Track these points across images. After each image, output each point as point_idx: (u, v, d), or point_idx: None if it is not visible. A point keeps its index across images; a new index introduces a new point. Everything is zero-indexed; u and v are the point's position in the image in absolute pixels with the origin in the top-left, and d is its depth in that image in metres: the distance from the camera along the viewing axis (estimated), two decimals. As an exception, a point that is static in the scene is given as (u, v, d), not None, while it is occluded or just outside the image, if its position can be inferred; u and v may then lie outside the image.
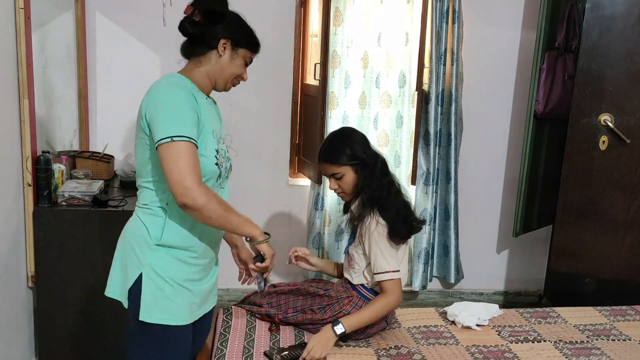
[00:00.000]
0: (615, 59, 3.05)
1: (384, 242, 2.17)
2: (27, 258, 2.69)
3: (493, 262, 3.98)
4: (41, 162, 2.63)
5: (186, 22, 1.81)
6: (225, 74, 1.84)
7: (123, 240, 1.84)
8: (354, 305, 2.26)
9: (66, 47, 3.17)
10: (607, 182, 3.16)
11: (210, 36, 1.80)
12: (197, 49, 1.82)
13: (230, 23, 1.82)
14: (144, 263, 1.75)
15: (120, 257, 1.83)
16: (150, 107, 1.68)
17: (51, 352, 2.79)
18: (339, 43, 3.51)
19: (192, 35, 1.82)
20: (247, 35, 1.86)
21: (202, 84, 1.83)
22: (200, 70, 1.82)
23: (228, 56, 1.82)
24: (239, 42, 1.83)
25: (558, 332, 2.46)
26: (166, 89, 1.71)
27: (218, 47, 1.80)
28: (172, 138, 1.63)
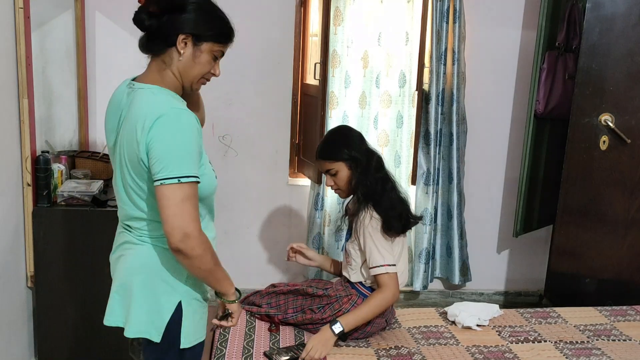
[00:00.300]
0: (615, 58, 3.05)
1: (378, 236, 2.19)
2: (27, 258, 2.69)
3: (493, 262, 3.98)
4: (40, 162, 2.63)
5: (142, 14, 1.57)
6: (189, 74, 1.62)
7: (145, 274, 1.64)
8: (353, 304, 2.26)
9: (66, 47, 3.17)
10: (607, 182, 3.15)
11: (167, 31, 1.56)
12: (155, 45, 1.60)
13: (191, 13, 1.57)
14: (181, 291, 1.65)
15: (144, 291, 1.64)
16: (156, 142, 1.49)
17: (51, 352, 2.78)
18: (339, 43, 3.50)
19: (148, 29, 1.59)
20: (212, 26, 1.60)
21: (176, 88, 1.63)
22: (168, 73, 1.61)
23: (189, 54, 1.58)
24: (201, 36, 1.58)
25: (558, 332, 2.45)
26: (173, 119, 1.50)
27: (177, 44, 1.57)
28: (180, 179, 1.48)
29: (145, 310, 1.63)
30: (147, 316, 1.63)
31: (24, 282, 2.70)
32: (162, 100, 1.56)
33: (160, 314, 1.63)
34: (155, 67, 1.63)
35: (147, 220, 1.63)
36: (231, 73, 3.50)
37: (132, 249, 1.67)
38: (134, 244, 1.67)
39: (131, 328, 1.64)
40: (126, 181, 1.61)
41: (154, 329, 1.63)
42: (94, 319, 2.75)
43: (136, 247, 1.66)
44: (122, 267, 1.70)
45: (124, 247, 1.71)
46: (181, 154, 1.49)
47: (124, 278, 1.68)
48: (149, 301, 1.63)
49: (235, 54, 3.46)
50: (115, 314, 1.69)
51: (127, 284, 1.66)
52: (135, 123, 1.53)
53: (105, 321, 1.70)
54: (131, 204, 1.64)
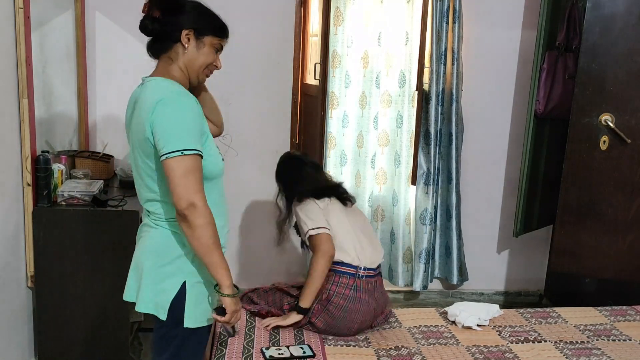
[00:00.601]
0: (616, 58, 3.05)
1: (301, 210, 2.40)
2: (27, 258, 2.68)
3: (493, 262, 3.97)
4: (41, 161, 2.62)
5: (146, 21, 1.78)
6: (195, 65, 1.79)
7: (154, 255, 1.78)
8: (332, 282, 2.34)
9: (66, 46, 3.17)
10: (607, 182, 3.15)
11: (171, 29, 1.76)
12: (162, 45, 1.78)
13: (190, 12, 1.77)
14: (186, 271, 1.76)
15: (152, 271, 1.77)
16: (159, 119, 1.64)
17: (51, 352, 2.78)
18: (339, 43, 3.50)
19: (153, 33, 1.78)
20: (210, 21, 1.80)
21: (182, 81, 1.79)
22: (174, 67, 1.78)
23: (193, 46, 1.77)
24: (201, 29, 1.77)
25: (558, 332, 2.45)
26: (174, 99, 1.67)
27: (181, 39, 1.75)
28: (183, 152, 1.62)
29: (152, 289, 1.77)
30: (153, 295, 1.77)
31: (24, 282, 2.70)
32: (164, 85, 1.73)
33: (165, 293, 1.75)
34: (162, 64, 1.80)
35: (160, 201, 1.76)
36: (231, 73, 3.49)
37: (148, 232, 1.82)
38: (149, 227, 1.82)
39: (140, 304, 1.79)
40: (138, 164, 1.75)
41: (160, 307, 1.76)
42: (94, 319, 2.76)
43: (151, 229, 1.81)
44: (138, 247, 1.85)
45: (143, 229, 1.87)
46: (182, 129, 1.64)
47: (138, 258, 1.83)
48: (156, 280, 1.76)
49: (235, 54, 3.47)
50: (130, 290, 1.84)
51: (140, 263, 1.81)
52: (142, 109, 1.69)
53: (124, 296, 1.86)
54: (145, 187, 1.77)
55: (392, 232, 3.73)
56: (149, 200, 1.79)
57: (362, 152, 3.64)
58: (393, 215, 3.70)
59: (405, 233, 3.71)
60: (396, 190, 3.68)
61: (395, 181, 3.68)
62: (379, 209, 3.73)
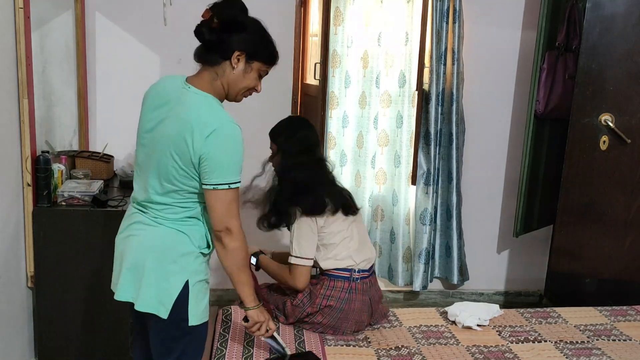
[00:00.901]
0: (616, 58, 3.05)
1: (297, 229, 2.35)
2: (27, 258, 2.68)
3: (494, 262, 3.98)
4: (41, 162, 2.62)
5: (203, 28, 1.75)
6: (237, 87, 1.82)
7: (158, 254, 1.79)
8: (327, 287, 2.34)
9: (66, 47, 3.17)
10: (607, 182, 3.15)
11: (225, 46, 1.75)
12: (211, 57, 1.78)
13: (249, 34, 1.78)
14: (189, 270, 1.80)
15: (156, 270, 1.78)
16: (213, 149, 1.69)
17: (51, 352, 2.78)
18: (339, 43, 3.50)
19: (208, 43, 1.77)
20: (264, 48, 1.82)
21: (220, 97, 1.82)
22: (217, 84, 1.79)
23: (241, 69, 1.79)
24: (254, 55, 1.79)
25: (559, 332, 2.45)
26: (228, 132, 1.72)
27: (232, 59, 1.76)
28: (230, 185, 1.73)
29: (154, 288, 1.77)
30: (156, 293, 1.77)
31: (24, 282, 2.70)
32: (218, 111, 1.77)
33: (169, 291, 1.77)
34: (207, 77, 1.79)
35: (170, 205, 1.78)
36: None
37: (145, 230, 1.81)
38: (146, 224, 1.81)
39: (141, 303, 1.78)
40: (165, 169, 1.75)
41: (162, 306, 1.76)
42: (94, 319, 2.76)
43: (150, 227, 1.80)
44: (133, 246, 1.82)
45: (135, 227, 1.84)
46: (232, 163, 1.72)
47: (137, 256, 1.80)
48: (159, 279, 1.77)
49: (235, 54, 3.47)
50: (126, 289, 1.82)
51: (139, 262, 1.79)
52: (191, 126, 1.69)
53: (116, 296, 1.85)
54: (160, 189, 1.77)
55: (392, 231, 3.73)
56: (157, 202, 1.79)
57: (362, 152, 3.64)
58: (393, 215, 3.71)
59: (405, 233, 3.71)
60: (396, 190, 3.68)
61: (395, 181, 3.68)
62: (379, 208, 3.73)
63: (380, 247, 3.78)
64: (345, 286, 2.33)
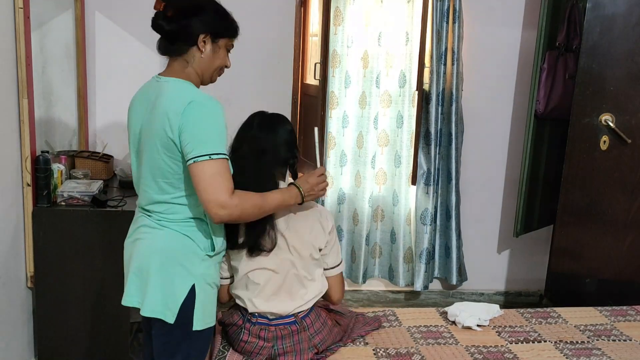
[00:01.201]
0: (616, 58, 3.05)
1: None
2: (27, 258, 2.68)
3: (494, 263, 3.97)
4: (40, 162, 2.62)
5: (160, 20, 1.73)
6: (210, 68, 1.80)
7: (162, 257, 1.75)
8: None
9: (65, 46, 3.17)
10: (608, 182, 3.15)
11: (187, 32, 1.73)
12: (177, 47, 1.75)
13: (206, 14, 1.75)
14: (195, 274, 1.75)
15: (161, 274, 1.74)
16: (189, 122, 1.63)
17: (51, 352, 2.78)
18: (339, 43, 3.50)
19: (168, 33, 1.74)
20: (225, 23, 1.80)
21: (197, 83, 1.79)
22: (190, 70, 1.77)
23: (210, 50, 1.77)
24: (218, 33, 1.77)
25: (559, 333, 2.45)
26: (203, 104, 1.66)
27: (198, 44, 1.74)
28: (210, 156, 1.62)
29: (160, 292, 1.73)
30: (162, 297, 1.73)
31: (24, 282, 2.70)
32: (190, 88, 1.73)
33: (175, 295, 1.73)
34: (177, 66, 1.77)
35: (169, 203, 1.75)
36: (231, 73, 3.48)
37: (151, 233, 1.77)
38: (152, 227, 1.77)
39: (147, 308, 1.74)
40: (156, 165, 1.72)
41: (168, 310, 1.73)
42: (94, 319, 2.76)
43: (155, 231, 1.77)
44: (139, 249, 1.79)
45: (141, 230, 1.80)
46: (210, 133, 1.64)
47: (142, 260, 1.77)
48: (165, 283, 1.73)
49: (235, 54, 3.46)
50: (132, 294, 1.79)
51: (144, 265, 1.76)
52: (166, 109, 1.66)
53: (123, 301, 1.81)
54: (156, 188, 1.75)
55: (392, 232, 3.72)
56: (157, 202, 1.76)
57: (362, 152, 3.64)
58: (393, 215, 3.70)
59: (405, 233, 3.71)
60: (396, 190, 3.68)
61: (395, 181, 3.68)
62: (379, 209, 3.73)
63: (381, 248, 3.78)
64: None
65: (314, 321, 2.09)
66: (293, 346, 2.05)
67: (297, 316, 2.06)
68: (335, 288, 2.15)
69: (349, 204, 3.70)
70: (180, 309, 1.73)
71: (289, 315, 2.05)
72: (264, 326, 2.04)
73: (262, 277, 2.01)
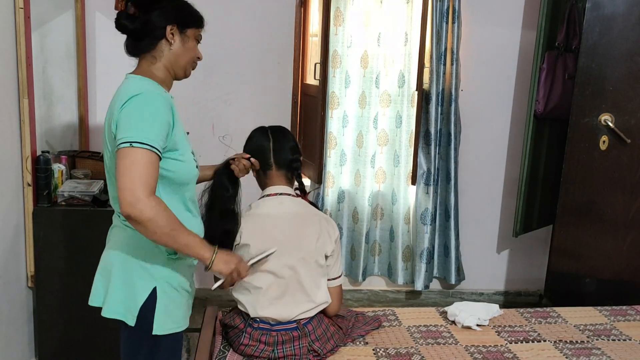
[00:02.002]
0: (615, 58, 3.05)
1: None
2: (27, 258, 2.69)
3: (493, 262, 3.98)
4: (41, 161, 2.63)
5: (123, 19, 1.68)
6: (182, 61, 1.73)
7: (121, 257, 1.68)
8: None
9: (66, 47, 3.17)
10: (607, 182, 3.15)
11: (152, 26, 1.67)
12: (144, 44, 1.69)
13: (168, 6, 1.69)
14: (157, 277, 1.67)
15: (122, 274, 1.67)
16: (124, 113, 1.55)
17: (51, 352, 2.78)
18: (339, 43, 3.51)
19: (134, 32, 1.68)
20: (190, 12, 1.74)
21: (165, 80, 1.72)
22: (158, 66, 1.70)
23: (179, 41, 1.70)
24: (185, 22, 1.71)
25: (558, 332, 2.45)
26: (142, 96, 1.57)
27: (166, 36, 1.68)
28: (132, 144, 1.50)
29: (121, 293, 1.67)
30: (123, 299, 1.67)
31: (24, 282, 2.70)
32: (144, 84, 1.64)
33: (135, 297, 1.66)
34: (144, 64, 1.71)
35: None
36: (231, 73, 3.50)
37: (116, 233, 1.73)
38: (118, 227, 1.73)
39: (108, 309, 1.68)
40: (108, 161, 1.67)
41: (129, 312, 1.66)
42: (94, 319, 2.76)
43: (119, 230, 1.72)
44: (106, 249, 1.76)
45: (112, 231, 1.78)
46: (140, 123, 1.53)
47: (106, 259, 1.73)
48: (125, 284, 1.67)
49: (235, 54, 3.48)
50: (98, 294, 1.73)
51: (107, 265, 1.71)
52: (112, 105, 1.62)
53: (90, 301, 1.75)
54: (111, 186, 1.71)
55: (391, 230, 3.73)
56: (114, 197, 1.69)
57: (362, 152, 3.64)
58: (392, 213, 3.71)
59: (404, 232, 3.72)
60: (395, 189, 3.68)
61: (394, 180, 3.68)
62: (379, 207, 3.74)
63: (380, 246, 3.79)
64: None
65: (316, 328, 2.09)
66: (293, 350, 2.05)
67: (299, 322, 2.06)
68: (333, 300, 2.15)
69: (349, 202, 3.71)
70: (139, 312, 1.65)
71: (290, 321, 2.05)
72: (266, 331, 2.04)
73: (263, 281, 2.01)
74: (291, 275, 2.03)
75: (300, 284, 2.04)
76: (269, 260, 2.00)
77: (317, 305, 2.08)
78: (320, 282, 2.09)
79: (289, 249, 2.02)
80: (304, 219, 2.08)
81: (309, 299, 2.06)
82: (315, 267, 2.06)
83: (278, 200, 2.08)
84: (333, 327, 2.17)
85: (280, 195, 2.09)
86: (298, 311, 2.05)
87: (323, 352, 2.10)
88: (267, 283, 2.00)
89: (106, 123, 1.65)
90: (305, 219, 2.08)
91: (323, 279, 2.11)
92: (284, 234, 2.02)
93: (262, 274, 2.00)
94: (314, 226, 2.07)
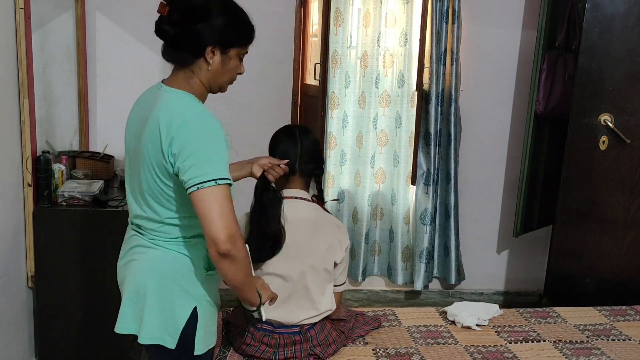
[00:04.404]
0: (615, 58, 3.05)
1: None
2: (27, 258, 2.69)
3: (493, 262, 3.98)
4: (41, 162, 2.63)
5: (164, 25, 1.54)
6: (219, 80, 1.63)
7: (160, 279, 1.60)
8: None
9: (66, 47, 3.18)
10: (607, 182, 3.16)
11: (194, 42, 1.54)
12: (182, 56, 1.58)
13: (217, 20, 1.54)
14: (196, 296, 1.62)
15: (159, 297, 1.59)
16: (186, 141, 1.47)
17: (51, 352, 2.79)
18: (339, 43, 3.51)
19: (173, 40, 1.56)
20: (238, 30, 1.60)
21: (202, 96, 1.63)
22: (196, 81, 1.60)
23: (218, 62, 1.58)
24: (229, 43, 1.58)
25: (558, 332, 2.46)
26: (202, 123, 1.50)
27: (205, 55, 1.55)
28: (216, 181, 1.46)
29: (159, 316, 1.59)
30: (161, 322, 1.60)
31: (24, 282, 2.71)
32: (190, 102, 1.56)
33: (175, 319, 1.59)
34: (182, 76, 1.61)
35: (161, 223, 1.61)
36: (231, 73, 3.50)
37: (145, 253, 1.63)
38: (146, 247, 1.63)
39: (145, 335, 1.60)
40: (148, 181, 1.57)
41: (168, 335, 1.60)
42: (95, 319, 2.77)
43: (149, 250, 1.62)
44: (133, 271, 1.64)
45: (135, 251, 1.66)
46: (213, 156, 1.48)
47: (137, 282, 1.63)
48: (163, 306, 1.59)
49: (235, 54, 3.47)
50: (128, 320, 1.64)
51: (140, 288, 1.61)
52: (158, 124, 1.51)
53: (117, 329, 1.66)
54: (145, 205, 1.61)
55: (390, 230, 3.74)
56: (148, 219, 1.62)
57: (362, 152, 3.65)
58: (392, 214, 3.71)
59: (403, 232, 3.72)
60: (395, 190, 3.68)
61: (394, 180, 3.69)
62: (378, 207, 3.74)
63: (380, 246, 3.79)
64: None
65: (319, 333, 2.10)
66: (294, 353, 2.06)
67: (302, 327, 2.07)
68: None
69: (349, 202, 3.71)
70: (181, 334, 1.59)
71: (293, 325, 2.06)
72: (268, 333, 2.04)
73: (271, 283, 2.00)
74: (298, 281, 2.03)
75: (307, 289, 2.04)
76: (278, 263, 2.01)
77: (321, 313, 2.09)
78: (326, 288, 2.10)
79: (299, 254, 2.02)
80: (316, 225, 2.08)
81: (313, 307, 2.06)
82: (324, 274, 2.07)
83: (293, 204, 2.08)
84: (335, 332, 2.17)
85: (296, 199, 2.10)
86: (302, 317, 2.05)
87: (324, 356, 2.10)
88: (274, 286, 2.00)
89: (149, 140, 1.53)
90: (318, 225, 2.08)
91: (329, 284, 2.11)
92: (296, 239, 2.03)
93: (270, 277, 2.01)
94: (327, 233, 2.08)
